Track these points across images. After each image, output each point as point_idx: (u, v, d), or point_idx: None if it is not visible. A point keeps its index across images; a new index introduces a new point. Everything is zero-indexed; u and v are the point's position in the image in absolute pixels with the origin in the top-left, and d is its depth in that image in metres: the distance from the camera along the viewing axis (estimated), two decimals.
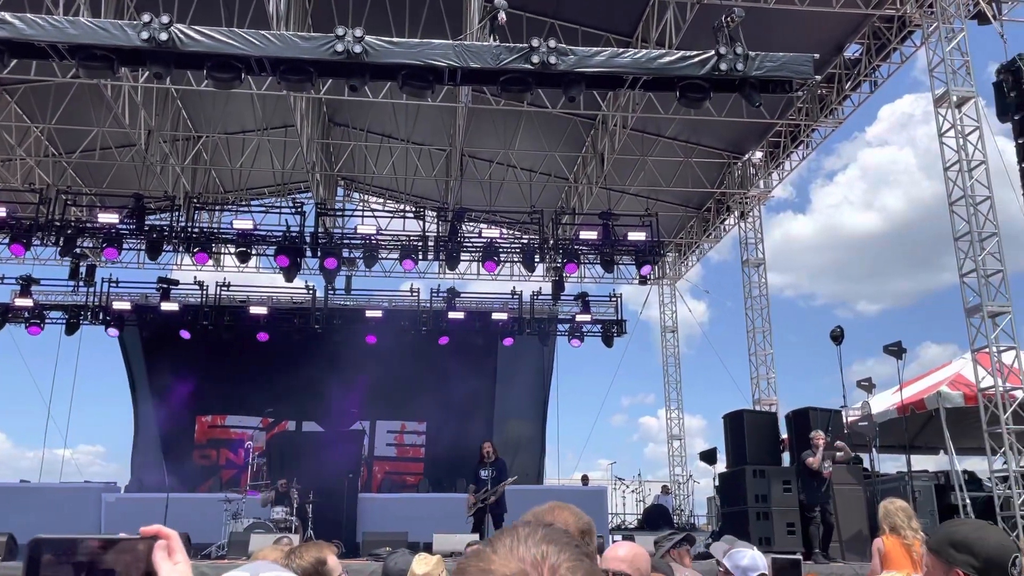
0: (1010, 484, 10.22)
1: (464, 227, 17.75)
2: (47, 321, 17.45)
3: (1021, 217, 10.79)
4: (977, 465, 13.53)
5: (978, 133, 11.41)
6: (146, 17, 8.95)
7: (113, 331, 17.76)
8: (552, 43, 9.46)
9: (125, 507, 14.66)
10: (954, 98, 11.45)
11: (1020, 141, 10.83)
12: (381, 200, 21.44)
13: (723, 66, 9.51)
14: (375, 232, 16.51)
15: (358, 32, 9.15)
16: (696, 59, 9.64)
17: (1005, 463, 10.34)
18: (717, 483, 13.60)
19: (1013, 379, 10.65)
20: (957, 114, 11.46)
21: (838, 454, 10.55)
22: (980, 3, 11.80)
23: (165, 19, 8.96)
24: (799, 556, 2.61)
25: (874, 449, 12.13)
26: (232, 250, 16.29)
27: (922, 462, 14.96)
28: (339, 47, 9.10)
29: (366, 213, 19.06)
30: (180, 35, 8.99)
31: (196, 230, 16.24)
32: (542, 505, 2.11)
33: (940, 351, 38.65)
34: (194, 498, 14.75)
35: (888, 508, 5.56)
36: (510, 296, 18.91)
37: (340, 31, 9.16)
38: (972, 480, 12.15)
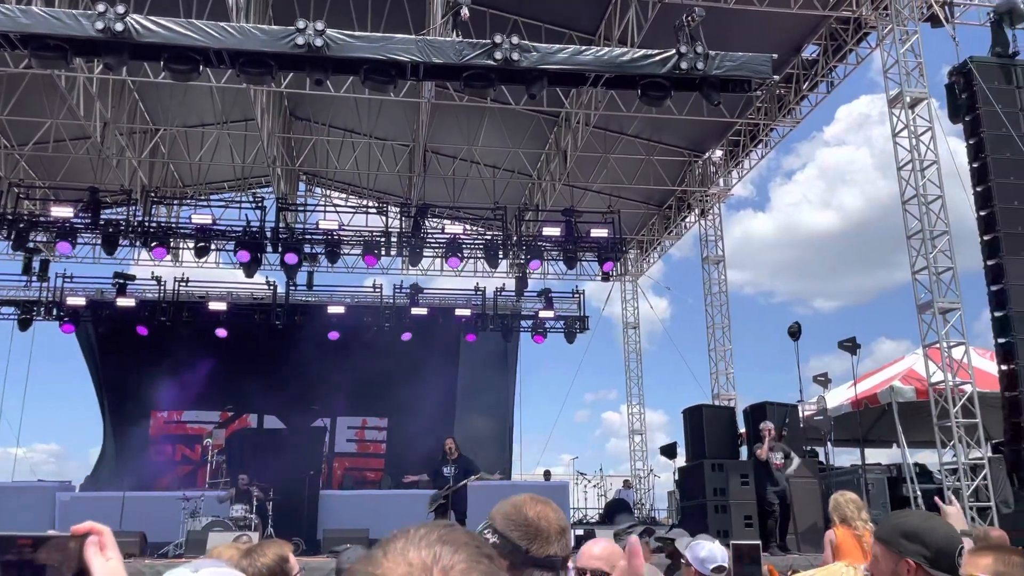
0: (959, 476, 10.51)
1: (427, 223, 17.71)
2: None
3: (971, 216, 11.10)
4: (928, 458, 13.90)
5: (931, 133, 11.68)
6: (101, 7, 8.79)
7: (68, 327, 17.40)
8: (515, 40, 9.50)
9: (80, 506, 14.36)
10: (907, 99, 11.70)
11: (971, 142, 11.14)
12: (343, 195, 21.29)
13: (684, 65, 9.63)
14: (337, 227, 16.40)
15: (319, 25, 9.09)
16: (657, 58, 9.74)
17: (954, 456, 10.62)
18: (677, 477, 13.77)
19: (963, 374, 10.94)
20: (910, 115, 11.72)
21: (790, 469, 10.68)
22: (933, 6, 12.07)
23: (121, 9, 8.81)
24: (759, 542, 2.68)
25: (829, 443, 12.38)
26: (191, 245, 16.06)
27: (876, 455, 15.32)
28: (300, 40, 9.03)
29: (328, 208, 18.95)
30: (136, 26, 8.85)
31: (153, 224, 15.98)
32: (519, 495, 2.00)
33: (894, 347, 39.53)
34: (151, 496, 14.51)
35: (838, 500, 5.69)
36: (473, 292, 18.92)
37: (301, 24, 9.09)
38: (923, 472, 12.46)
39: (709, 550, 3.96)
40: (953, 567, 2.20)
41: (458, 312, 18.44)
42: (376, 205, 18.35)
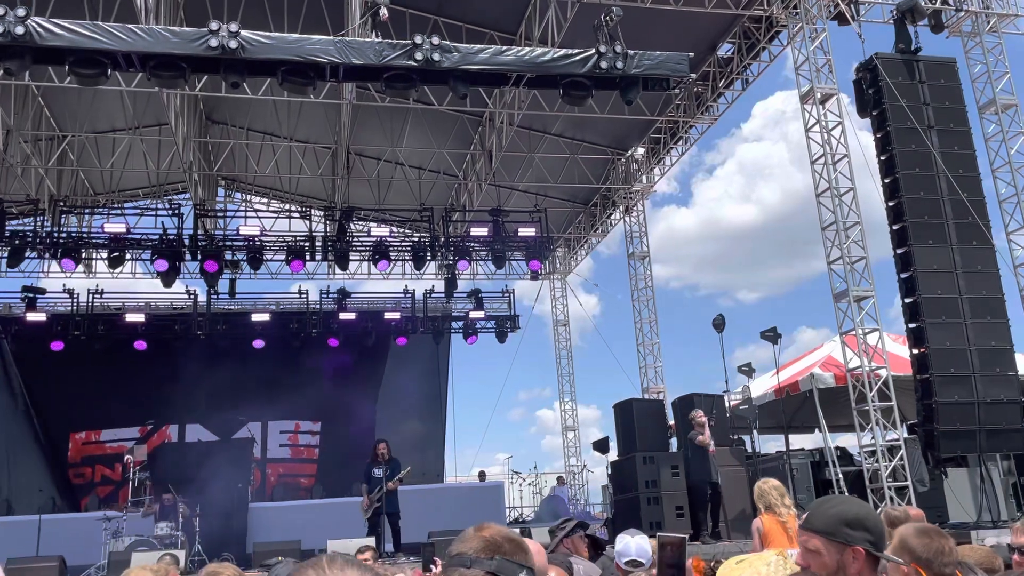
0: (877, 458, 10.91)
1: (353, 226, 17.49)
2: None
3: (882, 207, 11.54)
4: (849, 441, 14.40)
5: (841, 128, 12.09)
6: (0, 10, 8.37)
7: None
8: (436, 40, 9.43)
9: None
10: (818, 95, 12.09)
11: (879, 135, 11.58)
12: (265, 200, 20.80)
13: (604, 64, 9.73)
14: (259, 233, 16.03)
15: (233, 27, 8.85)
16: (577, 57, 9.82)
17: (872, 438, 11.03)
18: (610, 471, 13.92)
19: (877, 359, 11.36)
20: (821, 110, 12.12)
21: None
22: (840, 4, 12.50)
23: (21, 12, 8.40)
24: (684, 535, 2.71)
25: (755, 431, 12.69)
26: (104, 255, 15.47)
27: (800, 441, 15.78)
28: (213, 42, 8.77)
29: (249, 214, 18.48)
30: (38, 29, 8.45)
31: (63, 235, 15.33)
32: (466, 531, 1.85)
33: (815, 335, 40.90)
34: (70, 518, 13.95)
35: (762, 488, 5.83)
36: (403, 295, 18.76)
37: (214, 25, 8.83)
38: (844, 456, 12.90)
39: (625, 544, 3.99)
40: (883, 548, 2.24)
41: (387, 316, 18.28)
42: (299, 209, 17.98)
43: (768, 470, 11.81)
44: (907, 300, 10.98)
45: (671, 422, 13.76)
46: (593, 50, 9.78)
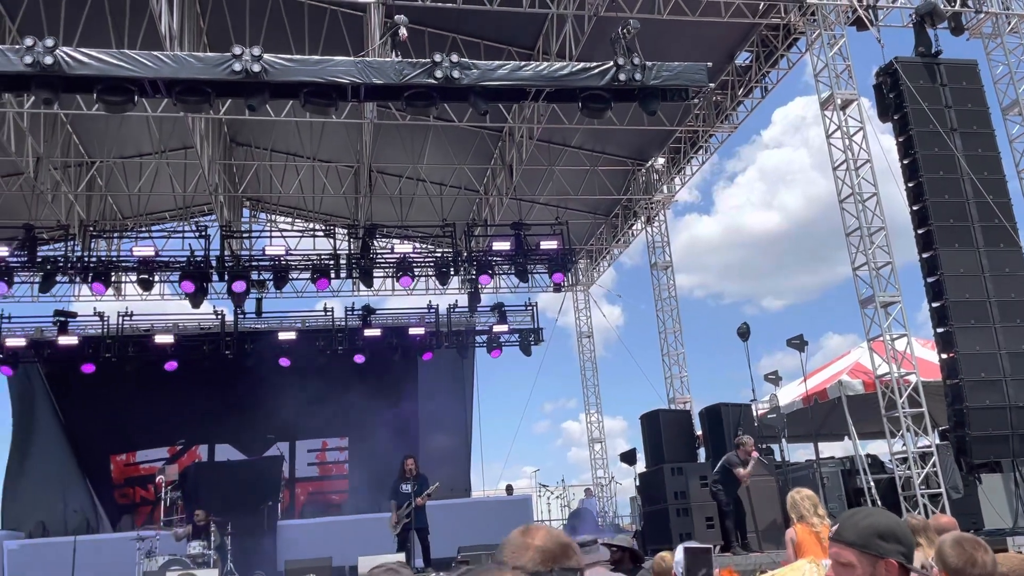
0: (909, 465, 10.78)
1: (376, 243, 17.63)
2: None
3: (906, 211, 11.46)
4: (879, 448, 14.22)
5: (863, 133, 12.03)
6: (29, 41, 8.58)
7: (6, 369, 16.86)
8: (455, 57, 9.53)
9: (30, 554, 13.91)
10: (838, 101, 12.05)
11: (901, 139, 11.52)
12: (289, 220, 21.05)
13: (622, 76, 9.78)
14: (284, 252, 16.22)
15: (256, 51, 9.01)
16: (596, 70, 9.88)
17: (904, 445, 10.90)
18: (638, 483, 13.86)
19: (907, 365, 11.25)
20: (842, 116, 12.07)
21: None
22: (858, 10, 12.47)
23: (50, 42, 8.62)
24: (709, 545, 2.73)
25: (783, 439, 12.60)
26: (133, 278, 15.71)
27: (829, 449, 15.64)
28: (237, 66, 8.93)
29: (274, 234, 18.71)
30: (66, 58, 8.66)
31: (93, 259, 15.60)
32: (511, 533, 1.89)
33: (842, 341, 40.47)
34: (103, 539, 14.13)
35: (794, 498, 5.80)
36: (426, 310, 18.85)
37: (237, 50, 8.99)
38: (875, 463, 12.74)
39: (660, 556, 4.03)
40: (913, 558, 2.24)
41: (412, 331, 18.36)
42: (323, 228, 18.17)
43: (798, 479, 11.71)
44: (935, 304, 10.87)
45: (698, 432, 13.69)
46: (611, 63, 9.84)
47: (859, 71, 12.40)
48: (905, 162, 11.36)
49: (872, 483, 11.67)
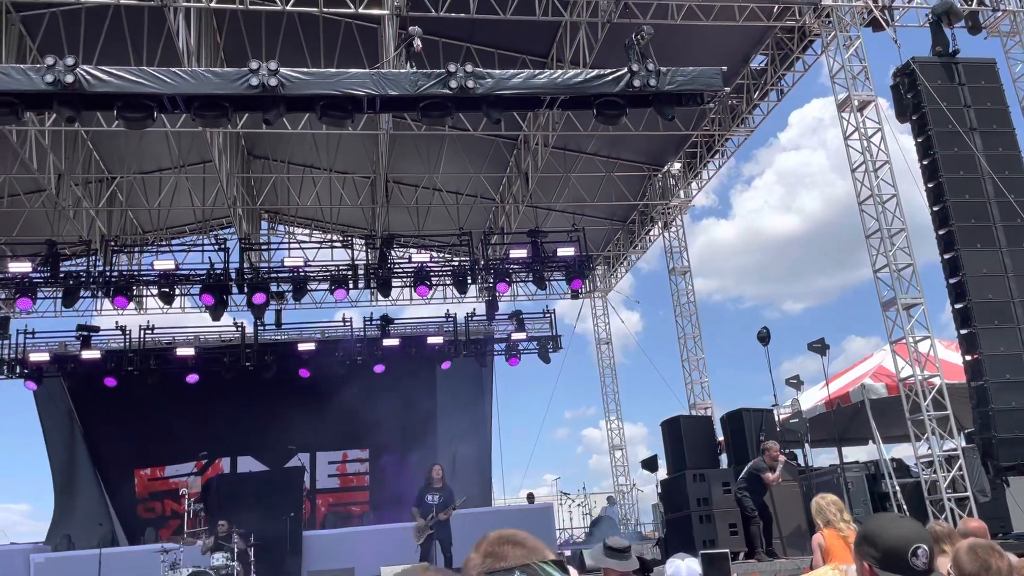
0: (935, 468, 10.65)
1: (394, 253, 17.70)
2: None
3: (926, 212, 11.35)
4: (905, 452, 14.06)
5: (881, 134, 11.95)
6: (50, 60, 8.71)
7: (31, 384, 17.05)
8: (469, 67, 9.57)
9: (55, 567, 14.02)
10: (855, 102, 11.97)
11: (919, 140, 11.41)
12: (307, 231, 21.18)
13: (636, 82, 9.78)
14: (303, 264, 16.32)
15: (272, 65, 9.09)
16: (610, 77, 9.88)
17: (929, 448, 10.77)
18: (660, 490, 13.78)
19: (930, 367, 11.12)
20: (859, 117, 11.99)
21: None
22: (873, 11, 12.40)
23: (70, 61, 8.74)
24: (727, 550, 2.71)
25: (806, 444, 12.48)
26: (154, 292, 15.86)
27: (854, 453, 15.47)
28: (254, 81, 9.02)
29: (292, 245, 18.82)
30: (87, 76, 8.78)
31: (115, 274, 15.77)
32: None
33: (864, 343, 40.13)
34: (128, 552, 14.22)
35: (820, 504, 5.75)
36: (445, 319, 18.88)
37: (254, 65, 9.07)
38: (900, 467, 12.60)
39: (675, 567, 3.99)
40: (907, 567, 2.26)
41: (431, 340, 18.41)
42: (341, 239, 18.27)
43: (822, 484, 11.59)
44: (957, 306, 10.74)
45: (720, 438, 13.60)
46: (625, 69, 9.84)
47: (876, 72, 12.32)
48: (924, 162, 11.26)
49: (898, 487, 11.55)
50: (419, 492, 12.01)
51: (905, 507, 11.15)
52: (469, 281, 17.35)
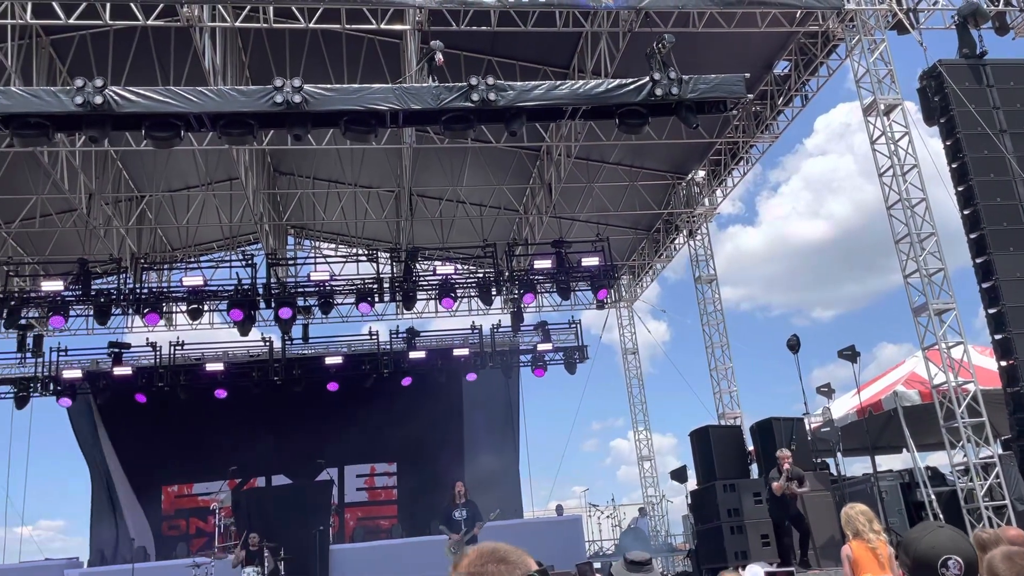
0: (971, 476, 10.44)
1: (418, 266, 17.77)
2: None
3: (957, 216, 11.17)
4: (940, 460, 13.81)
5: (908, 138, 11.79)
6: (79, 81, 8.87)
7: (65, 401, 17.30)
8: (490, 80, 9.60)
9: None
10: (882, 106, 11.83)
11: (948, 143, 11.25)
12: (333, 245, 21.34)
13: (658, 91, 9.75)
14: (329, 278, 16.43)
15: (296, 82, 9.18)
16: (632, 86, 9.86)
17: (965, 456, 10.56)
18: (690, 501, 13.64)
19: (964, 373, 10.92)
20: (886, 121, 11.85)
21: (801, 489, 10.56)
22: (898, 14, 12.26)
23: (99, 82, 8.89)
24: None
25: (839, 453, 12.30)
26: (183, 308, 16.05)
27: (888, 461, 15.23)
28: (278, 98, 9.12)
29: (318, 260, 18.97)
30: (115, 97, 8.93)
31: (145, 291, 15.98)
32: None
33: (896, 350, 39.47)
34: (161, 567, 14.33)
35: (848, 514, 5.66)
36: (470, 331, 18.90)
37: (278, 82, 9.17)
38: (935, 475, 12.37)
39: (754, 572, 3.95)
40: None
41: (456, 352, 18.42)
42: (366, 253, 18.38)
43: (856, 493, 11.40)
44: (991, 311, 10.54)
45: (750, 448, 13.45)
46: (647, 78, 9.81)
47: (902, 75, 12.17)
48: (954, 166, 11.09)
49: (933, 496, 11.33)
50: (444, 509, 12.03)
51: (941, 516, 10.93)
52: (494, 293, 17.35)
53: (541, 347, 19.00)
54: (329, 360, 17.78)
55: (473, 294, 17.69)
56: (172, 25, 11.65)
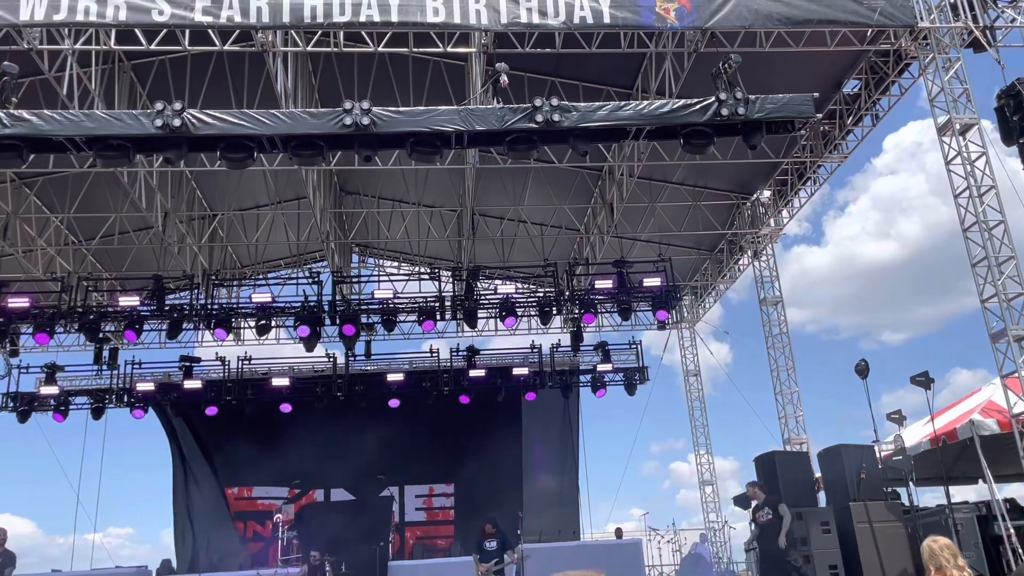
0: None
1: (480, 285, 17.86)
2: (72, 407, 17.62)
3: None
4: (1019, 492, 13.23)
5: (985, 158, 11.43)
6: (159, 105, 9.21)
7: (138, 412, 17.87)
8: (555, 101, 9.63)
9: None
10: (957, 126, 11.51)
11: None
12: (396, 264, 21.65)
13: (724, 111, 9.64)
14: (392, 296, 16.64)
15: (365, 104, 9.36)
16: (697, 106, 9.77)
17: None
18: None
19: None
20: (962, 141, 11.51)
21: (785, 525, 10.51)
22: (974, 32, 11.93)
23: (177, 106, 9.21)
24: None
25: (911, 483, 11.86)
26: (252, 324, 16.44)
27: (962, 492, 14.60)
28: (347, 120, 9.30)
29: (382, 278, 19.26)
30: (193, 120, 9.23)
31: (215, 306, 16.44)
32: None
33: (970, 376, 38.08)
34: None
35: (932, 548, 5.44)
36: (530, 350, 18.89)
37: (348, 105, 9.37)
38: (1014, 508, 11.82)
39: None
40: None
41: (516, 371, 18.42)
42: (428, 271, 18.62)
43: (929, 525, 10.99)
44: None
45: (817, 475, 13.09)
46: (713, 98, 9.72)
47: (978, 94, 11.81)
48: None
49: (1012, 530, 10.84)
50: (477, 543, 13.25)
51: (1021, 551, 10.45)
52: (554, 312, 17.33)
53: (601, 367, 18.87)
54: (391, 377, 17.97)
55: (533, 313, 17.70)
56: (247, 50, 12.04)
